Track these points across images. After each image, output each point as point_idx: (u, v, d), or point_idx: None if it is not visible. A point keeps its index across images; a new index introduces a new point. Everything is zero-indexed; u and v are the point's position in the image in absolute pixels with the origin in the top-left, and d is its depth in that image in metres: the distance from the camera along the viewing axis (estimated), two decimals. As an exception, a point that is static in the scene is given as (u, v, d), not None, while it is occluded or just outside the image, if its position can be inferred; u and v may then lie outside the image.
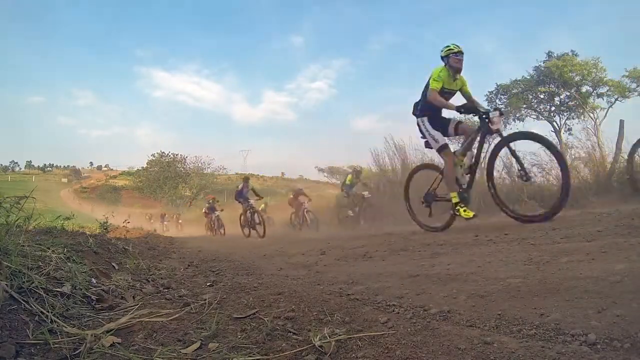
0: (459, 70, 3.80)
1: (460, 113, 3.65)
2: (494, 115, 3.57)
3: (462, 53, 3.76)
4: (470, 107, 3.75)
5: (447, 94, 3.84)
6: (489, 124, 3.58)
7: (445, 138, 3.92)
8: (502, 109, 4.28)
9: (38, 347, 0.95)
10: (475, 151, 3.80)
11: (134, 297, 1.50)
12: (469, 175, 3.87)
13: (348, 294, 1.63)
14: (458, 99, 3.95)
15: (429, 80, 3.79)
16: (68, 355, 0.93)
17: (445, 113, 4.01)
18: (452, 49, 3.75)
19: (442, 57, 3.82)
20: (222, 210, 12.57)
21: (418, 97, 4.07)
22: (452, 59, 3.75)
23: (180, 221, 22.40)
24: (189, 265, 2.73)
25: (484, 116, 3.62)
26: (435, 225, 4.18)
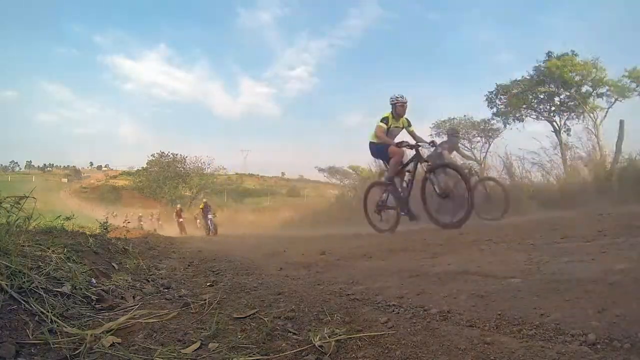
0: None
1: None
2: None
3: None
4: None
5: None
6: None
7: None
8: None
9: (38, 347, 0.95)
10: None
11: (134, 297, 1.50)
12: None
13: (348, 294, 1.63)
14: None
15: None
16: (68, 355, 0.93)
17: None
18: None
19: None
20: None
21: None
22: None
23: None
24: (189, 265, 2.73)
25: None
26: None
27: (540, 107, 18.28)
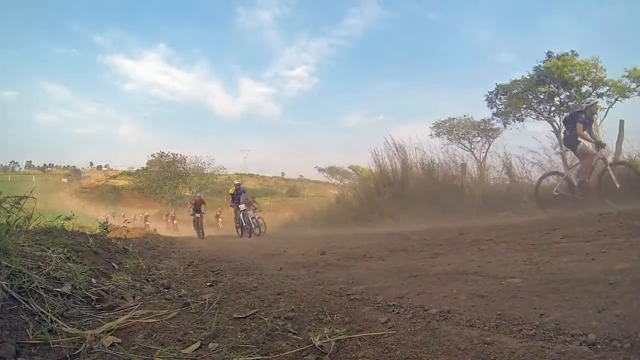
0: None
1: None
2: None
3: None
4: None
5: None
6: None
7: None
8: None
9: (38, 347, 0.95)
10: None
11: (134, 297, 1.50)
12: None
13: (348, 294, 1.63)
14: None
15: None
16: (68, 355, 0.93)
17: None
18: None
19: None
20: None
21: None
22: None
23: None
24: (189, 265, 2.73)
25: None
26: None
27: (540, 107, 18.29)
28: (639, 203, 3.86)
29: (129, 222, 7.56)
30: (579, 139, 5.34)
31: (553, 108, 17.94)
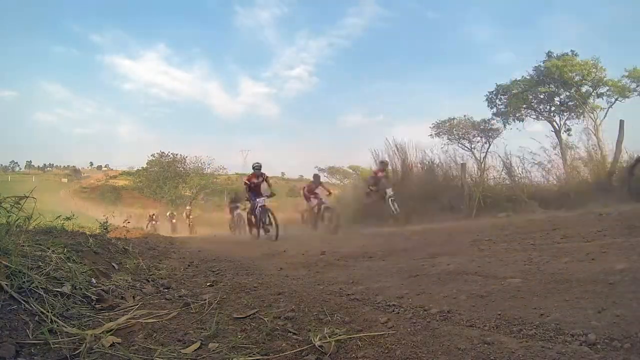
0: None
1: None
2: None
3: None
4: None
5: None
6: None
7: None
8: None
9: (38, 347, 0.95)
10: None
11: (134, 297, 1.50)
12: None
13: (348, 294, 1.63)
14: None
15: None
16: (68, 355, 0.93)
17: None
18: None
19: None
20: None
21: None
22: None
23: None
24: (189, 265, 2.73)
25: None
26: None
27: (540, 107, 18.29)
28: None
29: (129, 223, 7.50)
30: None
31: (553, 108, 17.94)
